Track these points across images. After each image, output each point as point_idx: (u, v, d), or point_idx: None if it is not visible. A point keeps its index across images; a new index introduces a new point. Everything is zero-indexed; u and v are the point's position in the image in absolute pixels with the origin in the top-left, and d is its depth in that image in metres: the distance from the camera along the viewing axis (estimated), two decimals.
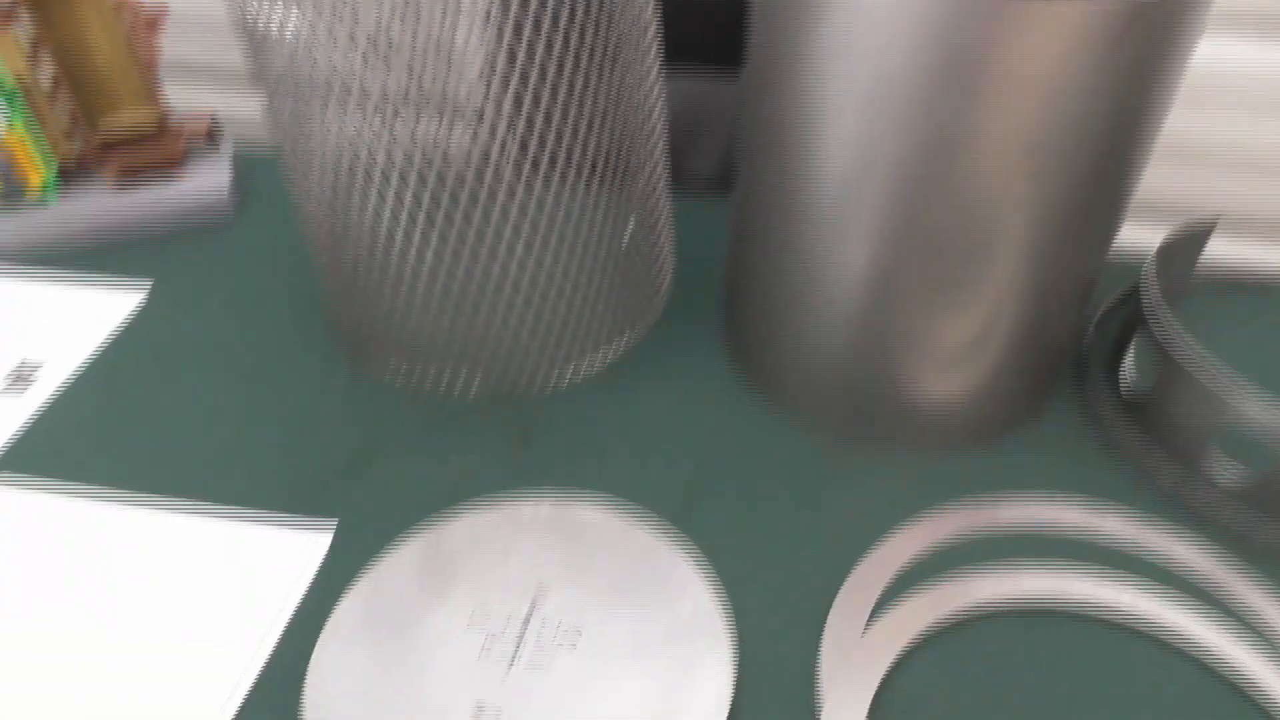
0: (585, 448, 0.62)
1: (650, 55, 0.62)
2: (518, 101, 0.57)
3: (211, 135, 0.86)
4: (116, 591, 0.54)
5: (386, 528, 0.57)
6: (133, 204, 0.80)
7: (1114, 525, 0.55)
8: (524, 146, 0.57)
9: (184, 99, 1.12)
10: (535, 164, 0.58)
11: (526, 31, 0.54)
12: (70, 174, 0.82)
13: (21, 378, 0.67)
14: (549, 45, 0.54)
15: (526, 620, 0.52)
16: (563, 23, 0.54)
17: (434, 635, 0.51)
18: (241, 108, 1.10)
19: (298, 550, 0.56)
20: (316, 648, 0.51)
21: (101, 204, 0.80)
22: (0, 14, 0.72)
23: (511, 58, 0.55)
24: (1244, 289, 0.73)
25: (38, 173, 0.78)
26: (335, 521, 0.57)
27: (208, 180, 0.82)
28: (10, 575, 0.55)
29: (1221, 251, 0.72)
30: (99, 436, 0.63)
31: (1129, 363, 0.62)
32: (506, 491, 0.59)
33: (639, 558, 0.55)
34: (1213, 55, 1.01)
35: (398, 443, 0.62)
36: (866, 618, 0.51)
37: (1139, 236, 0.76)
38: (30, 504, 0.59)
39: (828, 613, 0.52)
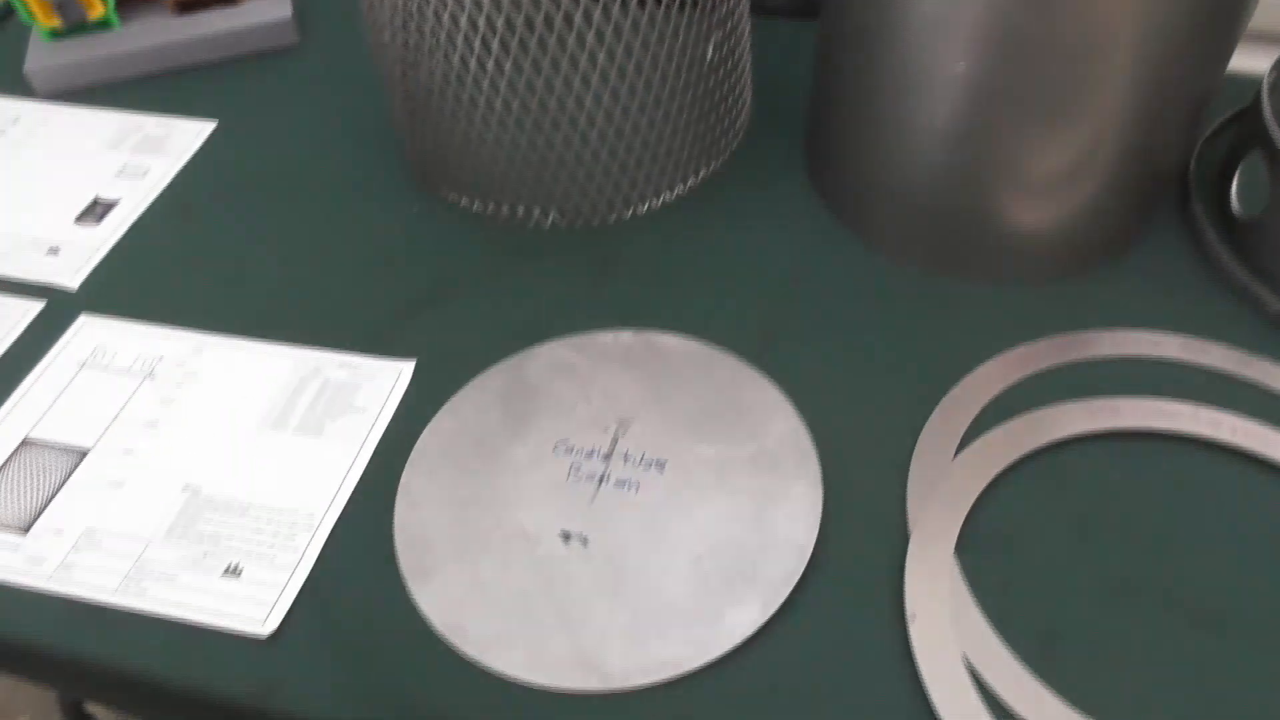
0: (664, 282, 0.60)
1: None
2: None
3: None
4: (208, 414, 0.55)
5: (466, 362, 0.57)
6: (195, 30, 0.78)
7: (1215, 356, 0.53)
8: None
9: None
10: None
11: None
12: (130, 4, 0.80)
13: (94, 212, 0.67)
14: None
15: (611, 449, 0.52)
16: None
17: (519, 464, 0.52)
18: None
19: (381, 378, 0.56)
20: (404, 474, 0.52)
21: (164, 31, 0.78)
22: None
23: None
24: None
25: (99, 1, 0.76)
26: (414, 358, 0.57)
27: (270, 8, 0.79)
28: (112, 398, 0.56)
29: None
30: (172, 274, 0.63)
31: (1236, 187, 0.59)
32: (585, 329, 0.58)
33: (723, 387, 0.54)
34: None
35: (474, 277, 0.62)
36: (956, 446, 0.50)
37: (1248, 63, 0.71)
38: (119, 333, 0.60)
39: (915, 442, 0.51)
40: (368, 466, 0.52)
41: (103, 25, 0.78)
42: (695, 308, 0.59)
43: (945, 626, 0.43)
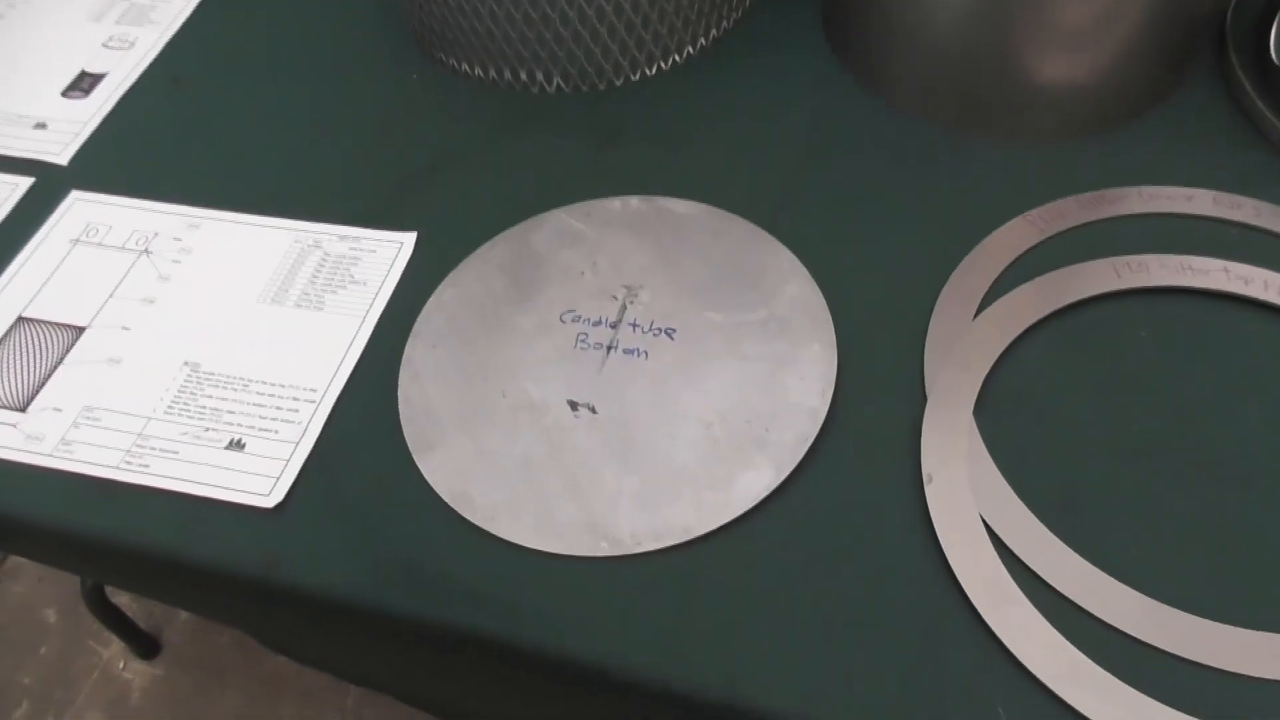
0: (673, 148, 0.58)
1: None
2: None
3: None
4: (206, 290, 0.54)
5: (469, 233, 0.55)
6: None
7: (1248, 211, 0.51)
8: None
9: None
10: None
11: None
12: None
13: (81, 85, 0.65)
14: None
15: (619, 317, 0.50)
16: None
17: (524, 334, 0.50)
18: None
19: (383, 251, 0.54)
20: (407, 346, 0.50)
21: None
22: None
23: None
24: None
25: None
26: (416, 230, 0.55)
27: None
28: (107, 275, 0.55)
29: None
30: (164, 148, 0.61)
31: (1275, 37, 0.56)
32: (591, 197, 0.56)
33: (734, 252, 0.52)
34: None
35: (476, 146, 0.59)
36: (977, 306, 0.48)
37: None
38: (112, 209, 0.58)
39: (934, 304, 0.49)
40: (370, 339, 0.51)
41: None
42: (706, 173, 0.56)
43: (963, 487, 0.42)
